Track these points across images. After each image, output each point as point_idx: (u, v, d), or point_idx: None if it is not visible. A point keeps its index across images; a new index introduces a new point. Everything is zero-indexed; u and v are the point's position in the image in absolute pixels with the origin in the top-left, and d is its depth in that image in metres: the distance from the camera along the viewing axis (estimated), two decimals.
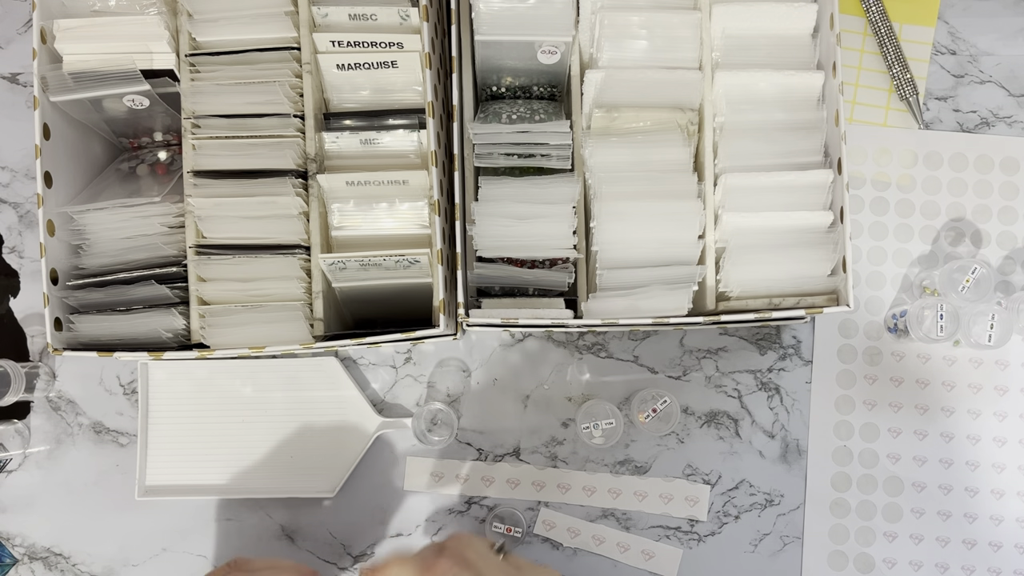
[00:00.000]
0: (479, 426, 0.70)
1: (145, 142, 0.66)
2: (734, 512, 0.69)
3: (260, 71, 0.58)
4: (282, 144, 0.58)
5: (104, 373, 0.71)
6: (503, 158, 0.58)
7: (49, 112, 0.58)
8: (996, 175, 0.72)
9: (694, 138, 0.60)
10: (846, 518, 0.69)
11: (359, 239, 0.61)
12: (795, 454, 0.70)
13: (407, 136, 0.60)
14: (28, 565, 0.70)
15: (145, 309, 0.59)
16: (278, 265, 0.58)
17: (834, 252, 0.57)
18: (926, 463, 0.70)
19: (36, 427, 0.71)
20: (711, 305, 0.58)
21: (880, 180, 0.72)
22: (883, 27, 0.72)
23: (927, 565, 0.69)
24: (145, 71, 0.59)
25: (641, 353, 0.71)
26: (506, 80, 0.63)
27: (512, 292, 0.60)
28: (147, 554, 0.70)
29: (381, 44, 0.58)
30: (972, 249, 0.71)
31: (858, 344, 0.71)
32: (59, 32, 0.58)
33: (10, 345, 0.72)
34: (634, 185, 0.58)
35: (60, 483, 0.70)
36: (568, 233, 0.58)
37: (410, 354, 0.71)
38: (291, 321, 0.58)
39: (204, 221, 0.59)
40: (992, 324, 0.65)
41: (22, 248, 0.73)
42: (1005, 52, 0.73)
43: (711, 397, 0.70)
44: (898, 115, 0.73)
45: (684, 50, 0.59)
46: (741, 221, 0.58)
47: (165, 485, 0.69)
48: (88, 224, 0.59)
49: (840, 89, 0.57)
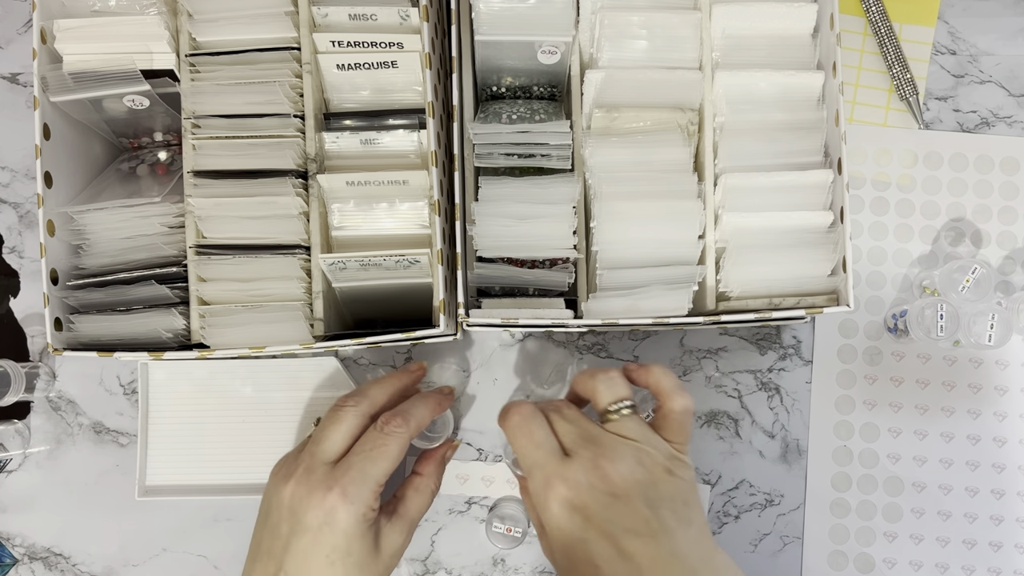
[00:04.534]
0: (479, 426, 0.70)
1: (145, 142, 0.66)
2: (734, 512, 0.69)
3: (260, 71, 0.58)
4: (282, 144, 0.58)
5: (104, 373, 0.71)
6: (503, 158, 0.58)
7: (49, 112, 0.58)
8: (996, 175, 0.72)
9: (694, 138, 0.60)
10: (846, 518, 0.69)
11: (359, 239, 0.61)
12: (795, 454, 0.70)
13: (407, 136, 0.60)
14: (28, 565, 0.70)
15: (145, 309, 0.59)
16: (278, 265, 0.58)
17: (834, 252, 0.57)
18: (926, 463, 0.70)
19: (36, 427, 0.71)
20: (711, 305, 0.58)
21: (880, 180, 0.72)
22: (883, 27, 0.72)
23: (927, 565, 0.69)
24: (145, 71, 0.59)
25: (641, 353, 0.71)
26: (506, 80, 0.63)
27: (512, 292, 0.60)
28: (147, 554, 0.70)
29: (381, 44, 0.58)
30: (972, 249, 0.71)
31: (858, 344, 0.71)
32: (59, 32, 0.58)
33: (10, 345, 0.72)
34: (634, 185, 0.58)
35: (60, 483, 0.70)
36: (568, 233, 0.58)
37: (410, 354, 0.71)
38: (291, 321, 0.58)
39: (204, 221, 0.59)
40: (992, 324, 0.65)
41: (22, 248, 0.73)
42: (1005, 52, 0.73)
43: (711, 397, 0.70)
44: (898, 115, 0.73)
45: (684, 50, 0.59)
46: (741, 221, 0.58)
47: (165, 485, 0.69)
48: (88, 224, 0.59)
49: (840, 89, 0.57)
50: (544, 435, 0.51)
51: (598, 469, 0.48)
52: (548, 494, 0.48)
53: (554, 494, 0.48)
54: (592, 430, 0.51)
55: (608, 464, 0.48)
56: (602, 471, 0.48)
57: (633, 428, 0.51)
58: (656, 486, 0.49)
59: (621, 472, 0.48)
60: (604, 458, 0.48)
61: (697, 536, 0.49)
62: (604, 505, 0.47)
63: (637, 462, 0.49)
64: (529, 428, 0.51)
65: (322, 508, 0.51)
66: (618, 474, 0.48)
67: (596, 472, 0.48)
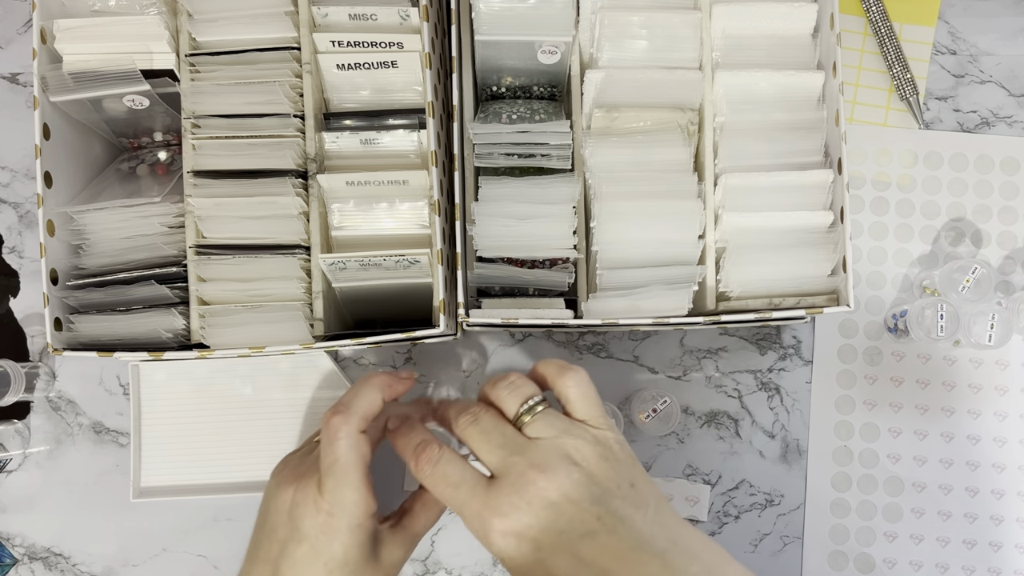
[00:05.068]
0: None
1: (145, 142, 0.66)
2: (734, 512, 0.69)
3: (260, 71, 0.58)
4: (282, 144, 0.58)
5: (104, 373, 0.71)
6: (503, 158, 0.58)
7: (49, 112, 0.58)
8: (996, 175, 0.72)
9: (694, 138, 0.60)
10: (846, 518, 0.69)
11: (359, 239, 0.61)
12: (795, 454, 0.70)
13: (407, 136, 0.60)
14: (28, 565, 0.70)
15: (145, 309, 0.59)
16: (278, 265, 0.58)
17: (834, 252, 0.57)
18: (926, 463, 0.70)
19: (36, 427, 0.71)
20: (711, 305, 0.58)
21: (880, 180, 0.72)
22: (883, 27, 0.72)
23: (927, 565, 0.69)
24: (145, 71, 0.59)
25: (641, 353, 0.71)
26: (506, 80, 0.63)
27: (512, 292, 0.60)
28: (147, 554, 0.70)
29: (381, 44, 0.58)
30: (972, 249, 0.71)
31: (858, 344, 0.71)
32: (59, 32, 0.58)
33: (10, 345, 0.72)
34: (634, 185, 0.58)
35: (60, 483, 0.70)
36: (568, 233, 0.58)
37: (410, 354, 0.71)
38: (291, 321, 0.58)
39: (204, 221, 0.59)
40: (992, 324, 0.65)
41: (22, 248, 0.73)
42: (1005, 52, 0.73)
43: (711, 397, 0.70)
44: (898, 115, 0.73)
45: (684, 50, 0.59)
46: (741, 221, 0.58)
47: (162, 486, 0.69)
48: (88, 224, 0.59)
49: (840, 89, 0.57)
50: (457, 470, 0.47)
51: (530, 484, 0.44)
52: (486, 532, 0.45)
53: (492, 530, 0.44)
54: (512, 437, 0.47)
55: (538, 474, 0.44)
56: (534, 485, 0.44)
57: (551, 423, 0.47)
58: (595, 478, 0.45)
59: (555, 478, 0.44)
60: (533, 469, 0.44)
61: (655, 516, 0.45)
62: (548, 520, 0.44)
63: (568, 461, 0.45)
64: (443, 472, 0.47)
65: (319, 516, 0.49)
66: (552, 481, 0.44)
67: (529, 488, 0.44)
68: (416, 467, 0.49)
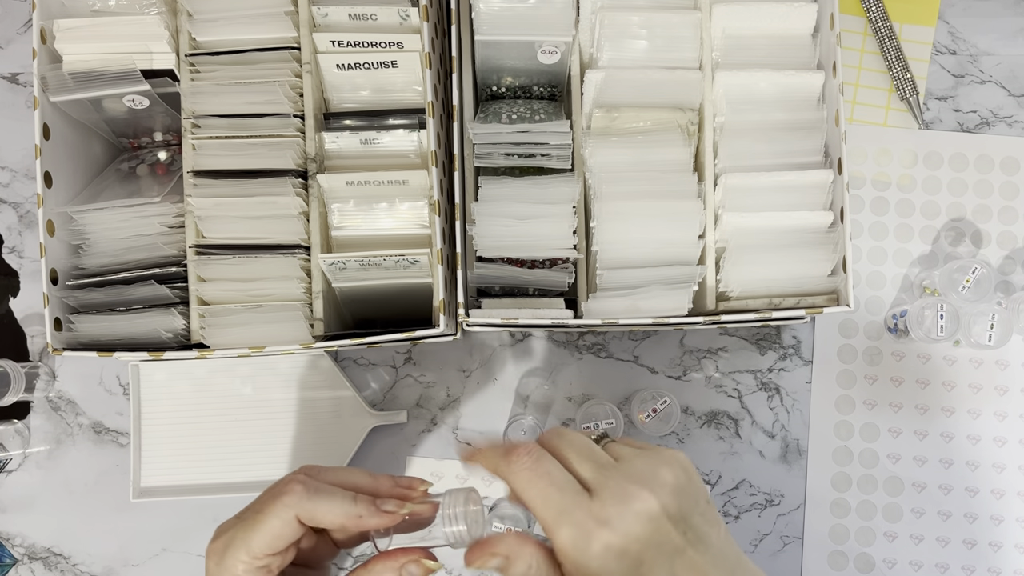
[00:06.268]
0: (479, 426, 0.70)
1: (145, 142, 0.66)
2: (734, 512, 0.69)
3: (260, 71, 0.58)
4: (282, 144, 0.58)
5: (104, 373, 0.71)
6: (503, 158, 0.58)
7: (49, 112, 0.58)
8: (996, 175, 0.72)
9: (694, 138, 0.60)
10: (846, 518, 0.69)
11: (359, 239, 0.61)
12: (795, 454, 0.70)
13: (407, 136, 0.60)
14: (28, 565, 0.70)
15: (145, 309, 0.59)
16: (278, 265, 0.58)
17: (834, 252, 0.57)
18: (926, 463, 0.70)
19: (36, 427, 0.71)
20: (711, 305, 0.58)
21: (880, 180, 0.72)
22: (883, 27, 0.72)
23: (927, 565, 0.69)
24: (145, 71, 0.58)
25: (641, 353, 0.71)
26: (506, 80, 0.63)
27: (512, 292, 0.60)
28: (147, 554, 0.70)
29: (381, 44, 0.58)
30: (972, 249, 0.71)
31: (858, 344, 0.71)
32: (59, 32, 0.58)
33: (10, 345, 0.72)
34: (634, 185, 0.58)
35: (60, 483, 0.70)
36: (568, 233, 0.58)
37: (410, 354, 0.71)
38: (291, 321, 0.58)
39: (204, 221, 0.59)
40: (992, 324, 0.65)
41: (22, 248, 0.73)
42: (1005, 52, 0.73)
43: (711, 397, 0.70)
44: (898, 115, 0.73)
45: (684, 50, 0.59)
46: (741, 221, 0.58)
47: (162, 486, 0.69)
48: (88, 224, 0.59)
49: (840, 89, 0.57)
50: (562, 474, 0.45)
51: (633, 498, 0.43)
52: (587, 543, 0.43)
53: (596, 541, 0.42)
54: (601, 453, 0.46)
55: (639, 488, 0.43)
56: (638, 499, 0.43)
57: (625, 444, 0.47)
58: (682, 494, 0.45)
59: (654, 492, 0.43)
60: (632, 483, 0.44)
61: (726, 535, 0.46)
62: (648, 534, 0.43)
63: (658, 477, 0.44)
64: (546, 469, 0.44)
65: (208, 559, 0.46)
66: (653, 495, 0.43)
67: (633, 502, 0.43)
68: (510, 462, 0.45)
